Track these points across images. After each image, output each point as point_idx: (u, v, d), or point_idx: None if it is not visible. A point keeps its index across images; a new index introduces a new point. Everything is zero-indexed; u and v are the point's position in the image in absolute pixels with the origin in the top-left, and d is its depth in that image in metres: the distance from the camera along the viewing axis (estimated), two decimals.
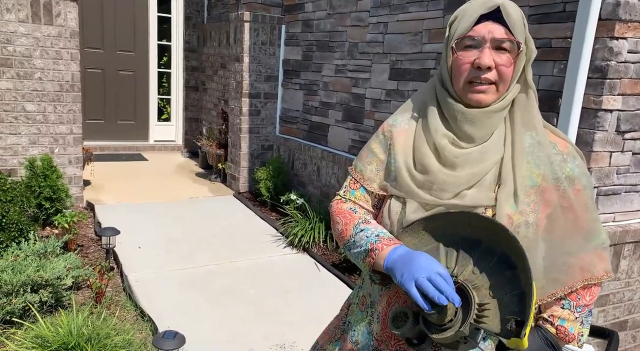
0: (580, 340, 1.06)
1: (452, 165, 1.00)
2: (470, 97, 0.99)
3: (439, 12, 3.13)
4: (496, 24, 0.96)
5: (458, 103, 1.00)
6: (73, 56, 3.94)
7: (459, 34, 0.98)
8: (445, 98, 1.02)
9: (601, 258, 1.06)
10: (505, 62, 0.97)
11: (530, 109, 1.02)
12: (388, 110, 3.62)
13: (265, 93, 4.91)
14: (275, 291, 3.08)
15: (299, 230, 3.76)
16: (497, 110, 0.99)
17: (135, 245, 3.48)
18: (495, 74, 0.97)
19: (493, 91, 0.98)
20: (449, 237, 0.96)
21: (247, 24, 4.67)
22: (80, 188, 4.17)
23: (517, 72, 0.99)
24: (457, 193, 1.00)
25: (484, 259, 0.91)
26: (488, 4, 0.96)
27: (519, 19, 0.97)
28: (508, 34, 0.96)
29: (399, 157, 1.06)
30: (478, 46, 0.97)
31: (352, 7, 3.91)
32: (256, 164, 4.95)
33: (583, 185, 1.03)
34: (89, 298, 2.73)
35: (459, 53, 0.99)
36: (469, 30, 0.97)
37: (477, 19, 0.96)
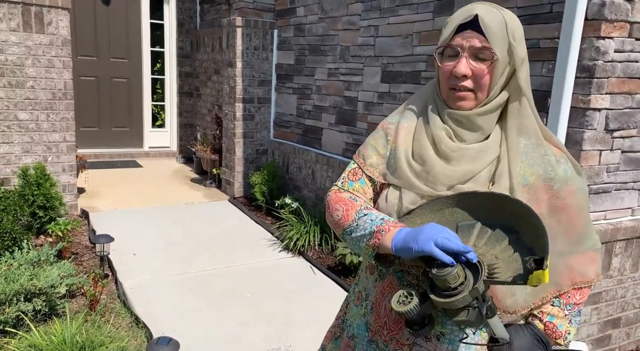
0: (567, 338, 1.06)
1: (448, 158, 1.03)
2: (452, 103, 1.04)
3: (429, 15, 3.15)
4: (475, 32, 0.99)
5: (444, 105, 1.06)
6: (65, 64, 3.94)
7: (439, 43, 1.04)
8: (437, 100, 1.08)
9: (593, 260, 1.08)
10: (481, 70, 1.00)
11: (524, 117, 1.04)
12: (380, 113, 3.63)
13: (258, 97, 4.92)
14: (272, 294, 3.08)
15: (294, 234, 3.77)
16: (480, 114, 1.03)
17: (130, 252, 3.47)
18: (472, 82, 1.01)
19: (471, 98, 1.02)
20: (445, 222, 0.99)
21: (239, 29, 4.68)
22: (74, 196, 4.16)
23: (495, 79, 1.01)
24: (451, 186, 1.02)
25: (484, 233, 0.95)
26: (465, 14, 1.00)
27: (498, 29, 0.98)
28: (485, 43, 0.98)
29: (399, 148, 1.09)
30: (457, 55, 1.01)
31: (343, 11, 3.93)
32: (251, 169, 4.95)
33: (577, 187, 1.04)
34: (83, 306, 2.73)
35: (441, 62, 1.04)
36: (449, 40, 1.02)
37: (457, 28, 1.00)
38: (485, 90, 1.02)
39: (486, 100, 1.03)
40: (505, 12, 1.02)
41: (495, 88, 1.02)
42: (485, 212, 0.96)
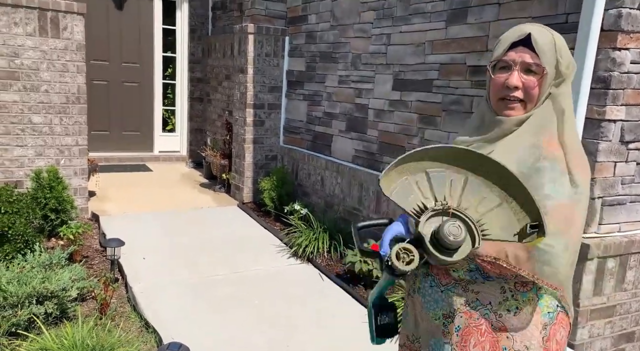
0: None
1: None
2: (501, 112, 1.17)
3: (442, 24, 3.15)
4: (527, 49, 1.12)
5: (492, 114, 1.19)
6: (79, 69, 3.98)
7: (494, 57, 1.18)
8: (486, 110, 1.21)
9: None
10: (531, 83, 1.13)
11: (544, 118, 1.15)
12: (391, 121, 3.63)
13: (269, 104, 4.94)
14: (280, 301, 3.07)
15: (303, 240, 3.76)
16: (520, 120, 1.15)
17: (139, 256, 3.48)
18: (522, 93, 1.14)
19: (520, 108, 1.16)
20: (414, 169, 1.04)
21: (251, 35, 4.71)
22: (85, 199, 4.19)
23: (543, 91, 1.14)
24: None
25: (456, 184, 1.02)
26: (519, 33, 1.14)
27: (547, 46, 1.12)
28: (536, 59, 1.12)
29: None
30: (509, 68, 1.14)
31: (355, 18, 3.94)
32: (260, 174, 4.96)
33: (547, 177, 1.08)
34: (93, 310, 2.74)
35: (494, 74, 1.17)
36: (502, 55, 1.15)
37: (511, 45, 1.14)
38: (534, 100, 1.15)
39: (533, 109, 1.15)
40: (554, 32, 1.14)
41: (542, 99, 1.15)
42: (459, 166, 1.03)
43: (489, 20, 2.85)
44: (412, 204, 1.01)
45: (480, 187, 1.01)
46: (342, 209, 4.14)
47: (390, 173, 1.03)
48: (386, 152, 3.70)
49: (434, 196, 1.02)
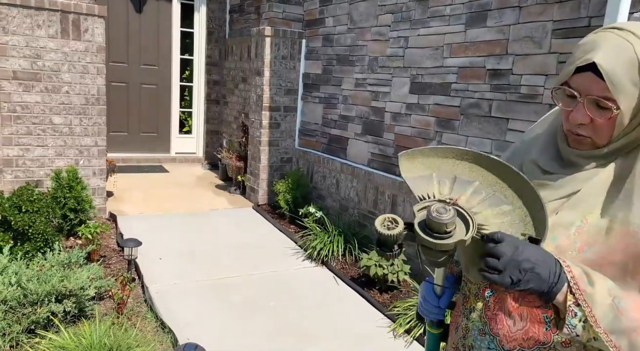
0: (573, 317, 0.85)
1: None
2: (570, 142, 0.97)
3: (461, 27, 3.13)
4: (596, 77, 0.86)
5: (565, 141, 0.98)
6: (99, 70, 4.04)
7: (556, 81, 0.94)
8: (559, 130, 1.01)
9: None
10: (602, 119, 0.88)
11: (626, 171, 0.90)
12: (408, 124, 3.61)
13: (285, 106, 4.95)
14: (295, 304, 3.07)
15: (318, 243, 3.76)
16: (595, 156, 0.93)
17: (156, 256, 3.51)
18: (591, 130, 0.91)
19: (588, 143, 0.93)
20: (443, 172, 1.01)
21: (268, 38, 4.73)
22: (103, 199, 4.24)
23: (619, 127, 0.89)
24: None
25: (478, 193, 0.96)
26: (585, 56, 0.86)
27: (624, 73, 0.84)
28: (608, 91, 0.85)
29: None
30: (575, 98, 0.90)
31: (372, 21, 3.94)
32: (275, 177, 4.97)
33: None
34: (110, 309, 2.76)
35: (560, 99, 0.94)
36: (566, 78, 0.90)
37: (576, 68, 0.88)
38: (605, 138, 0.91)
39: (607, 145, 0.92)
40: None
41: (621, 134, 0.90)
42: (485, 176, 0.98)
43: (509, 23, 2.81)
44: (422, 191, 0.98)
45: (503, 203, 0.93)
46: (357, 212, 4.12)
47: (416, 161, 1.01)
48: None
49: (449, 195, 0.98)
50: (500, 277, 0.83)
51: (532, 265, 0.83)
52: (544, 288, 0.84)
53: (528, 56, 2.72)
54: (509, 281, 0.83)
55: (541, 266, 0.83)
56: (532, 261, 0.83)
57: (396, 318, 2.87)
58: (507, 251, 0.83)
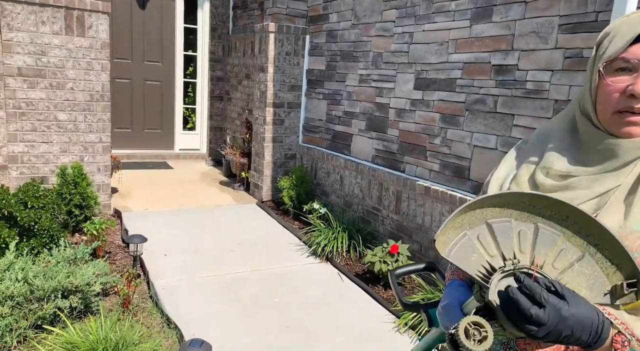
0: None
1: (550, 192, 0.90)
2: (618, 129, 0.85)
3: (466, 22, 3.11)
4: None
5: (604, 133, 0.87)
6: (103, 67, 4.04)
7: (609, 55, 0.85)
8: (588, 127, 0.89)
9: None
10: None
11: None
12: (412, 120, 3.60)
13: (289, 102, 4.94)
14: (300, 300, 3.07)
15: (322, 240, 3.76)
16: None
17: (161, 252, 3.52)
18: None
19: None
20: (474, 223, 0.88)
21: (272, 34, 4.72)
22: (108, 195, 4.25)
23: None
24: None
25: (524, 234, 0.84)
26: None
27: None
28: None
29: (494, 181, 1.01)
30: (633, 70, 0.83)
31: (377, 17, 3.92)
32: (279, 173, 4.97)
33: None
34: (116, 305, 2.77)
35: (607, 78, 0.85)
36: (622, 51, 0.83)
37: (635, 38, 0.82)
38: None
39: None
40: None
41: None
42: (526, 212, 0.84)
43: (515, 18, 2.80)
44: (477, 266, 0.83)
45: (556, 237, 0.82)
46: (361, 209, 4.12)
47: (447, 229, 0.85)
48: (407, 152, 3.67)
49: (501, 253, 0.83)
50: (537, 341, 0.77)
51: (571, 331, 0.74)
52: (582, 345, 0.77)
53: (534, 51, 2.70)
54: (544, 342, 0.77)
55: (582, 330, 0.75)
56: (573, 327, 0.74)
57: (401, 314, 2.88)
58: (550, 318, 0.73)
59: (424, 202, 3.39)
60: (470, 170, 3.13)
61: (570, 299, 0.74)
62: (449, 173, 3.30)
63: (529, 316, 0.72)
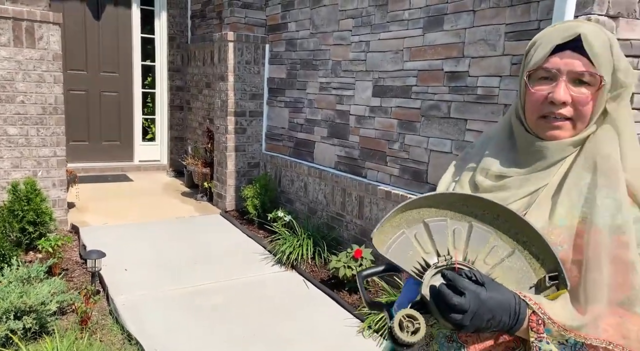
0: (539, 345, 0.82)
1: (487, 192, 0.96)
2: (544, 133, 0.91)
3: (419, 31, 3.21)
4: (576, 53, 0.87)
5: (533, 137, 0.93)
6: (56, 79, 3.93)
7: (532, 65, 0.91)
8: (521, 131, 0.96)
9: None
10: (584, 97, 0.87)
11: (601, 147, 0.89)
12: (372, 126, 3.67)
13: (250, 111, 4.94)
14: (265, 309, 3.06)
15: (287, 248, 3.76)
16: (574, 144, 0.91)
17: (121, 267, 3.44)
18: (572, 110, 0.89)
19: (569, 128, 0.90)
20: (411, 222, 0.92)
21: (231, 43, 4.72)
22: (64, 211, 4.12)
23: (598, 107, 0.89)
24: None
25: (458, 233, 0.89)
26: (567, 32, 0.87)
27: (604, 49, 0.86)
28: (589, 66, 0.86)
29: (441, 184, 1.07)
30: (553, 79, 0.89)
31: (334, 26, 3.98)
32: (243, 182, 4.95)
33: (629, 239, 0.83)
34: (74, 323, 2.69)
35: (532, 86, 0.91)
36: (543, 61, 0.89)
37: (554, 48, 0.88)
38: (586, 119, 0.89)
39: (586, 128, 0.90)
40: (607, 32, 0.90)
41: (596, 117, 0.89)
42: (461, 212, 0.90)
43: (464, 27, 2.91)
44: (412, 262, 0.87)
45: (488, 235, 0.87)
46: (325, 215, 4.15)
47: (384, 228, 0.89)
48: (368, 158, 3.73)
49: (436, 250, 0.88)
50: (464, 330, 0.81)
51: (492, 314, 0.80)
52: (505, 329, 0.83)
53: (483, 58, 2.81)
54: (472, 331, 0.82)
55: (502, 312, 0.81)
56: (493, 310, 0.80)
57: (365, 318, 2.91)
58: (471, 304, 0.79)
59: (385, 206, 3.46)
60: (428, 173, 3.22)
61: (488, 285, 0.81)
62: (408, 177, 3.37)
63: (452, 304, 0.78)
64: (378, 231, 0.88)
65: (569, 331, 0.81)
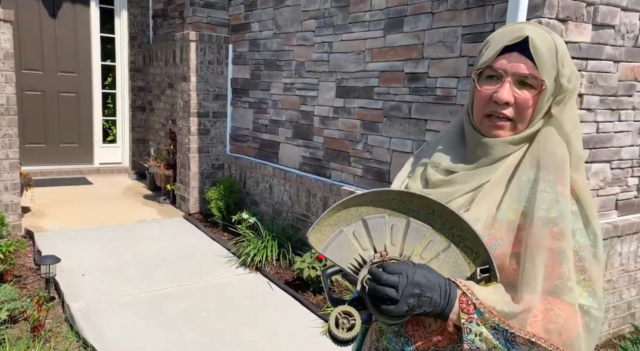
0: (469, 328, 0.84)
1: (435, 187, 0.99)
2: (489, 131, 0.95)
3: (380, 32, 3.24)
4: (523, 56, 0.90)
5: (479, 134, 0.97)
6: (8, 78, 3.77)
7: (480, 63, 0.95)
8: (469, 128, 0.99)
9: (570, 313, 0.84)
10: (525, 100, 0.91)
11: (546, 145, 0.93)
12: (336, 127, 3.68)
13: (214, 112, 4.87)
14: (229, 312, 3.02)
15: (252, 250, 3.72)
16: (513, 142, 0.94)
17: (78, 273, 3.32)
18: (513, 111, 0.92)
19: (509, 128, 0.94)
20: (350, 220, 0.93)
21: (193, 43, 4.64)
22: (18, 215, 3.95)
23: (538, 110, 0.92)
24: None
25: (396, 229, 0.91)
26: (515, 34, 0.91)
27: (548, 54, 0.90)
28: (533, 69, 0.90)
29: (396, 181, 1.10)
30: (500, 78, 0.92)
31: (297, 27, 3.98)
32: (207, 184, 4.88)
33: (562, 230, 0.86)
34: (26, 332, 2.58)
35: (479, 85, 0.95)
36: (491, 61, 0.93)
37: (502, 49, 0.91)
38: (526, 121, 0.93)
39: (525, 129, 0.94)
40: (555, 36, 0.92)
41: (537, 119, 0.93)
42: (398, 209, 0.91)
43: (423, 28, 2.96)
44: (350, 259, 0.88)
45: (425, 230, 0.89)
46: (290, 216, 4.14)
47: (321, 226, 0.89)
48: (332, 158, 3.74)
49: (373, 246, 0.89)
50: (397, 308, 0.81)
51: (421, 289, 0.82)
52: (438, 310, 0.84)
53: (442, 60, 2.87)
54: (405, 309, 0.82)
55: (432, 289, 0.83)
56: (422, 285, 0.82)
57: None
58: (400, 279, 0.81)
59: None
60: (390, 173, 3.25)
61: (419, 266, 0.85)
62: (371, 177, 3.40)
63: (382, 280, 0.81)
64: (314, 230, 0.89)
65: (495, 315, 0.83)
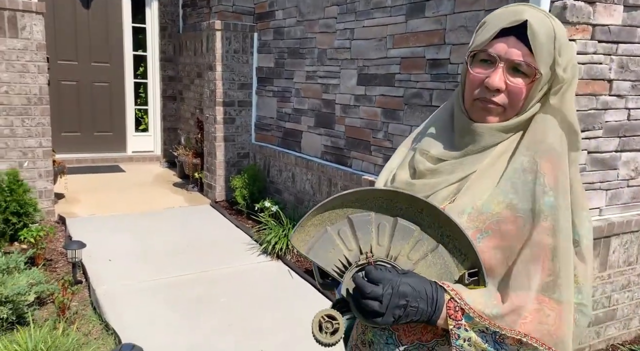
0: (457, 334, 0.81)
1: (422, 177, 0.95)
2: (477, 115, 0.91)
3: (402, 18, 3.15)
4: (519, 42, 0.85)
5: (464, 117, 0.93)
6: (40, 69, 3.91)
7: (475, 45, 0.89)
8: (458, 113, 0.95)
9: (555, 311, 0.81)
10: (518, 87, 0.86)
11: (541, 132, 0.89)
12: (357, 116, 3.63)
13: (239, 101, 4.90)
14: (248, 299, 3.06)
15: (273, 237, 3.75)
16: (502, 130, 0.90)
17: (105, 258, 3.44)
18: (505, 97, 0.88)
19: (499, 113, 0.89)
20: (335, 217, 0.89)
21: (218, 32, 4.67)
22: (51, 201, 4.12)
23: (530, 98, 0.88)
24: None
25: (382, 228, 0.87)
26: (513, 17, 0.85)
27: (546, 41, 0.84)
28: (528, 56, 0.85)
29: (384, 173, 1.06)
30: (493, 63, 0.87)
31: (320, 13, 3.93)
32: (232, 172, 4.94)
33: (552, 225, 0.83)
34: (53, 314, 2.70)
35: (472, 68, 0.90)
36: (486, 44, 0.87)
37: (499, 32, 0.86)
38: (516, 108, 0.89)
39: (514, 117, 0.89)
40: (555, 22, 0.87)
41: (529, 107, 0.89)
42: (385, 208, 0.87)
43: (445, 13, 2.86)
44: (334, 261, 0.84)
45: (413, 228, 0.85)
46: (312, 205, 4.13)
47: (305, 227, 0.85)
48: (353, 147, 3.70)
49: (359, 247, 0.85)
50: (383, 320, 0.79)
51: (407, 300, 0.79)
52: (425, 318, 0.82)
53: (464, 45, 2.76)
54: (391, 320, 0.79)
55: (418, 297, 0.80)
56: (408, 295, 0.79)
57: None
58: (384, 291, 0.78)
59: None
60: None
61: (401, 273, 0.81)
62: None
63: (366, 293, 0.78)
64: (297, 231, 0.86)
65: (485, 319, 0.80)
